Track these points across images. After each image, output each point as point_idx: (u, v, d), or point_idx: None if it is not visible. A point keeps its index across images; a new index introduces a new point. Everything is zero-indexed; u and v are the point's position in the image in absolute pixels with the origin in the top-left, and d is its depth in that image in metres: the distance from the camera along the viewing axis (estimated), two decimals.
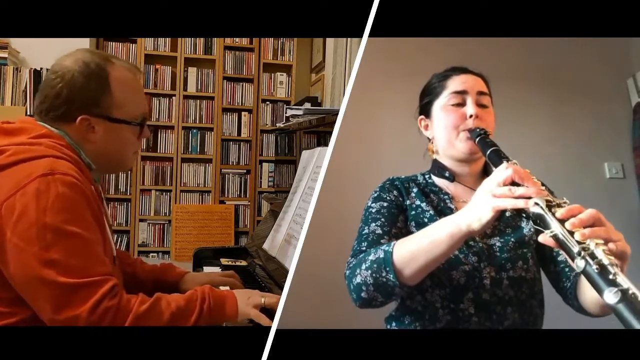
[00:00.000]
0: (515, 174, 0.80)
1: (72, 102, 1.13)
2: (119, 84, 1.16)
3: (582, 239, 0.69)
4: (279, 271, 1.56)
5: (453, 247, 0.84)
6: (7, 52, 3.29)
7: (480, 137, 0.99)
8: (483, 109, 1.06)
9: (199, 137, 3.92)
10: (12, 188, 1.01)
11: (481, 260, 0.99)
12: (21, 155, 1.05)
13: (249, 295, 1.19)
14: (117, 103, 1.16)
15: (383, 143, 1.61)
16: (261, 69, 3.99)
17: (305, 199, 1.67)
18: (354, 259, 0.96)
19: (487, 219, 0.79)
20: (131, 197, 3.81)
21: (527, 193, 0.77)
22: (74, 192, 1.03)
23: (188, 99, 3.89)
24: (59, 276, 0.97)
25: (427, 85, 1.14)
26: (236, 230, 3.92)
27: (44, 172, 1.01)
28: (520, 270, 1.00)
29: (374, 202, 1.07)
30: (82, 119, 1.14)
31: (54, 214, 0.99)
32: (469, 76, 1.09)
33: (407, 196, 1.08)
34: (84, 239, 1.02)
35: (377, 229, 1.01)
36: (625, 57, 1.63)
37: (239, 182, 4.00)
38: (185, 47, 3.86)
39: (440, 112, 1.09)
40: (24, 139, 1.09)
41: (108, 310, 0.99)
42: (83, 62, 1.15)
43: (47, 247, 0.98)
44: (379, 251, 0.90)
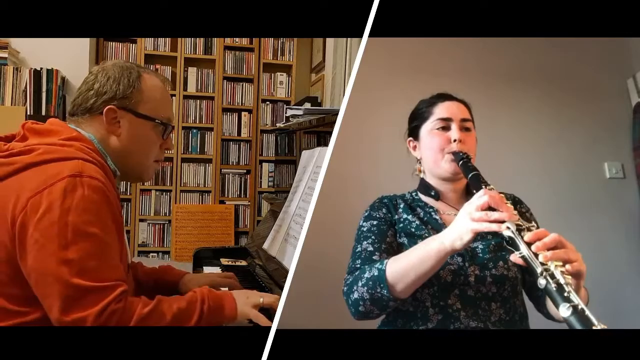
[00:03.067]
0: (491, 199, 0.92)
1: (102, 94, 1.18)
2: (149, 85, 1.22)
3: (544, 261, 0.82)
4: (279, 271, 1.56)
5: (439, 262, 0.95)
6: (7, 52, 3.29)
7: (462, 161, 1.10)
8: (466, 133, 1.16)
9: (199, 137, 3.92)
10: (39, 185, 1.03)
11: (465, 260, 1.08)
12: (51, 155, 1.07)
13: (247, 295, 1.21)
14: (145, 100, 1.21)
15: (383, 143, 1.60)
16: (261, 69, 3.99)
17: (305, 199, 1.67)
18: (350, 276, 1.05)
19: (467, 239, 0.91)
20: (131, 197, 3.81)
21: (500, 217, 0.89)
22: (99, 195, 1.05)
23: (188, 99, 3.89)
24: (72, 276, 0.99)
25: (415, 111, 1.23)
26: (236, 230, 3.92)
27: (72, 173, 1.04)
28: (502, 269, 1.08)
29: (364, 221, 1.16)
30: (108, 109, 1.18)
31: (77, 215, 1.01)
32: (453, 103, 1.19)
33: (395, 212, 1.17)
34: (103, 242, 1.04)
35: (369, 247, 1.10)
36: (625, 57, 1.63)
37: (239, 182, 4.00)
38: (185, 47, 3.86)
39: (427, 135, 1.18)
40: (55, 140, 1.11)
41: (114, 313, 1.00)
42: (119, 63, 1.23)
43: (66, 245, 1.00)
44: (373, 269, 0.99)
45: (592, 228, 1.56)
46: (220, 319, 1.14)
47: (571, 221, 1.22)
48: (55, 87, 3.32)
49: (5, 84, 3.29)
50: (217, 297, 1.16)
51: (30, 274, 1.02)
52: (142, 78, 1.21)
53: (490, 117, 1.49)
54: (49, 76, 3.31)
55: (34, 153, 1.08)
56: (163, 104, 1.25)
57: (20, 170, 1.06)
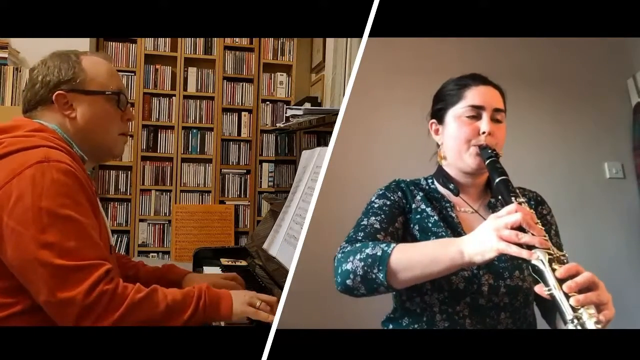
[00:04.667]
0: (523, 220, 0.84)
1: (47, 83, 1.20)
2: (90, 63, 1.24)
3: (576, 305, 0.76)
4: (279, 271, 1.56)
5: (450, 270, 0.88)
6: (7, 52, 3.29)
7: (491, 160, 1.00)
8: (497, 125, 1.06)
9: (199, 137, 3.92)
10: (7, 175, 1.04)
11: (480, 268, 1.01)
12: (16, 146, 1.08)
13: (244, 293, 1.21)
14: (90, 78, 1.22)
15: (383, 143, 1.60)
16: (261, 69, 3.99)
17: (305, 199, 1.67)
18: (349, 245, 0.98)
19: (489, 257, 0.84)
20: (131, 197, 3.80)
21: (531, 242, 0.82)
22: (69, 177, 1.06)
23: (188, 99, 3.89)
24: (55, 258, 0.99)
25: (442, 90, 1.12)
26: (236, 230, 3.91)
27: (39, 159, 1.05)
28: (517, 279, 1.02)
29: (377, 198, 1.09)
30: (58, 95, 1.19)
31: (50, 199, 1.02)
32: (488, 89, 1.08)
33: (412, 199, 1.09)
34: (79, 222, 1.04)
35: (376, 223, 1.03)
36: (625, 57, 1.63)
37: (239, 182, 4.00)
38: (185, 47, 3.86)
39: (453, 121, 1.08)
40: (19, 133, 1.13)
41: (104, 294, 1.00)
42: (56, 52, 1.25)
43: (43, 229, 1.00)
44: (377, 248, 0.92)
45: (592, 228, 1.56)
46: (216, 317, 1.15)
47: (571, 221, 1.22)
48: None
49: (5, 84, 3.29)
50: (215, 294, 1.16)
51: (12, 263, 1.02)
52: (81, 58, 1.23)
53: None
54: None
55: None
56: (109, 76, 1.26)
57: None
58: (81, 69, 1.21)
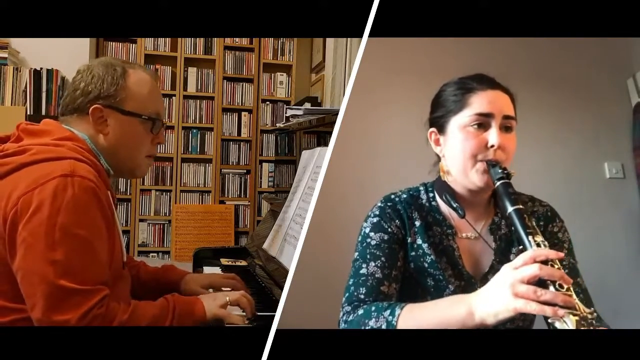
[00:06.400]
0: (543, 271, 0.73)
1: (88, 93, 1.18)
2: (135, 81, 1.21)
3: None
4: (279, 271, 1.56)
5: (460, 328, 0.81)
6: (7, 52, 3.29)
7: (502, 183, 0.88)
8: (506, 134, 0.94)
9: (199, 137, 3.92)
10: (31, 184, 1.03)
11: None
12: (44, 155, 1.08)
13: (214, 297, 1.23)
14: (130, 97, 1.20)
15: (383, 143, 1.60)
16: (261, 69, 3.99)
17: (305, 199, 1.67)
18: (352, 312, 0.90)
19: (504, 317, 0.75)
20: (131, 197, 3.81)
21: (554, 300, 0.72)
22: (90, 196, 1.05)
23: (188, 99, 3.89)
24: (58, 277, 1.00)
25: (442, 94, 1.00)
26: (236, 230, 3.91)
27: (64, 172, 1.04)
28: (519, 321, 0.97)
29: (372, 230, 0.98)
30: (94, 109, 1.17)
31: (66, 215, 1.02)
32: (497, 93, 0.96)
33: (409, 230, 0.98)
34: (90, 243, 1.05)
35: (377, 272, 0.93)
36: (625, 57, 1.63)
37: (239, 182, 4.00)
38: (185, 47, 3.86)
39: (457, 132, 0.95)
40: (48, 140, 1.12)
41: (96, 318, 1.02)
42: (104, 61, 1.22)
43: (53, 246, 1.00)
44: (381, 319, 0.84)
45: (591, 228, 1.56)
46: (190, 323, 1.16)
47: (571, 221, 1.22)
48: (55, 87, 3.32)
49: (5, 84, 3.29)
50: (186, 302, 1.18)
51: (17, 272, 1.03)
52: (127, 74, 1.21)
53: None
54: (49, 76, 3.31)
55: (27, 153, 1.09)
56: (150, 99, 1.24)
57: (14, 170, 1.07)
58: (124, 87, 1.19)
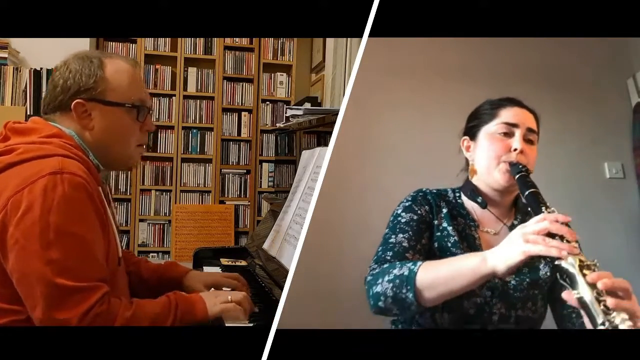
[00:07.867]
0: (552, 226, 0.82)
1: (67, 89, 1.16)
2: (114, 71, 1.19)
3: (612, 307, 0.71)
4: (279, 271, 1.56)
5: (473, 283, 0.86)
6: (7, 52, 3.29)
7: (520, 175, 1.00)
8: (529, 145, 1.07)
9: (199, 137, 3.92)
10: (19, 184, 1.02)
11: (494, 296, 1.02)
12: (31, 154, 1.06)
13: (215, 295, 1.23)
14: (111, 87, 1.18)
15: (383, 143, 1.60)
16: (261, 69, 3.99)
17: (305, 199, 1.67)
18: (378, 266, 0.98)
19: (514, 261, 0.81)
20: (131, 197, 3.80)
21: (560, 247, 0.79)
22: (80, 192, 1.04)
23: (188, 99, 3.89)
24: (55, 276, 0.99)
25: (478, 109, 1.15)
26: (236, 230, 3.91)
27: (52, 170, 1.03)
28: (529, 310, 1.03)
29: (404, 211, 1.08)
30: (76, 104, 1.15)
31: (59, 214, 1.00)
32: (523, 110, 1.10)
33: (436, 215, 1.09)
34: (85, 240, 1.04)
35: (404, 242, 1.02)
36: (625, 57, 1.63)
37: (239, 182, 4.00)
38: (185, 47, 3.86)
39: (486, 138, 1.10)
40: (35, 138, 1.11)
41: (98, 315, 1.01)
42: (80, 54, 1.20)
43: (48, 245, 0.99)
44: (404, 268, 0.91)
45: (592, 228, 1.56)
46: (192, 321, 1.16)
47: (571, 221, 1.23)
48: None
49: (5, 84, 3.29)
50: (188, 300, 1.17)
51: (12, 274, 1.02)
52: (104, 65, 1.18)
53: None
54: (49, 76, 3.30)
55: (14, 153, 1.07)
56: (132, 87, 1.21)
57: (1, 171, 1.06)
58: (102, 78, 1.17)
